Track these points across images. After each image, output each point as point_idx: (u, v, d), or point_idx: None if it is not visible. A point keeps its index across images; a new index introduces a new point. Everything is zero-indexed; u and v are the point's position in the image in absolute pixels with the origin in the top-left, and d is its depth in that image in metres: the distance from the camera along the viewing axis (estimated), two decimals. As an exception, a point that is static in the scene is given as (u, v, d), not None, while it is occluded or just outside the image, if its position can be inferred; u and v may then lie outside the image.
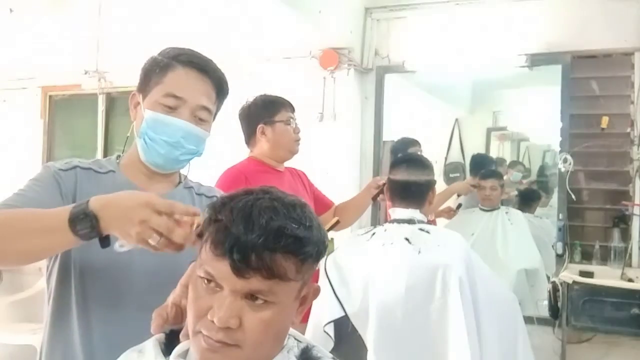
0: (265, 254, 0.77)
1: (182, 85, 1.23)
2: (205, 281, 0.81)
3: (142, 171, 1.27)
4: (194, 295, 0.83)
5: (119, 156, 1.33)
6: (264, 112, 2.27)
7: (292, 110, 2.33)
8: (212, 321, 0.79)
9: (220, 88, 1.29)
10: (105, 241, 0.98)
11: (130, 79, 4.63)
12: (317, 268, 0.90)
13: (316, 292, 0.90)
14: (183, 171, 1.39)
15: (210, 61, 1.32)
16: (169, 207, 0.94)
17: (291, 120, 2.29)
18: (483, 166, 3.68)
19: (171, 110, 1.21)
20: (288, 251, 0.79)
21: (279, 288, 0.80)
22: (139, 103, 1.28)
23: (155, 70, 1.27)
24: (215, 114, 1.31)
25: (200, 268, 0.82)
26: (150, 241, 0.92)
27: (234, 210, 0.80)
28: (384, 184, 2.21)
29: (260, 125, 2.26)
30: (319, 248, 0.84)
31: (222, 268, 0.79)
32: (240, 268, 0.77)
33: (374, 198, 2.46)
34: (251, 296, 0.79)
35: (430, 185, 2.05)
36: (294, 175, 2.39)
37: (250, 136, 2.31)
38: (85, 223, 0.95)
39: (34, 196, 1.14)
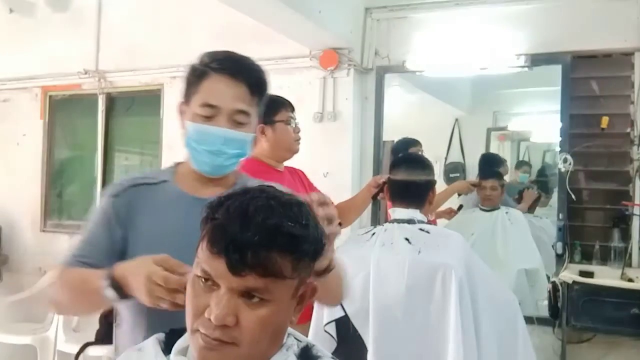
0: (261, 252, 0.78)
1: (216, 93, 1.24)
2: (203, 280, 0.82)
3: (195, 177, 1.31)
4: (191, 294, 0.84)
5: (179, 163, 1.39)
6: (264, 111, 2.25)
7: (292, 109, 2.31)
8: (209, 319, 0.79)
9: (255, 87, 1.29)
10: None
11: (130, 79, 4.65)
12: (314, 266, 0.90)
13: (314, 290, 0.90)
14: None
15: (244, 62, 1.31)
16: (164, 278, 1.00)
17: (291, 119, 2.27)
18: (492, 165, 3.68)
19: (208, 119, 1.24)
20: (284, 249, 0.79)
21: (274, 286, 0.80)
22: (183, 113, 1.30)
23: (192, 80, 1.28)
24: (260, 110, 1.33)
25: (197, 267, 0.83)
26: (162, 305, 1.00)
27: (230, 208, 0.81)
28: (384, 183, 2.20)
29: (259, 125, 2.24)
30: (315, 246, 0.85)
31: (218, 266, 0.79)
32: (236, 266, 0.78)
33: (374, 197, 2.44)
34: (247, 294, 0.80)
35: (430, 185, 2.06)
36: (293, 175, 2.38)
37: None
38: (112, 290, 1.09)
39: (93, 240, 1.27)
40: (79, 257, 1.24)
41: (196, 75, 1.27)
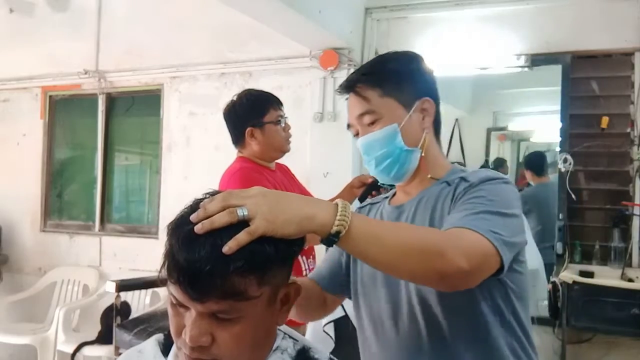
0: (216, 279, 0.75)
1: (348, 114, 1.23)
2: (173, 303, 0.81)
3: (399, 188, 1.27)
4: (170, 314, 0.83)
5: None
6: (252, 113, 2.14)
7: (280, 105, 2.20)
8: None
9: (361, 84, 1.19)
10: None
11: (130, 79, 4.65)
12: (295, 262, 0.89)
13: (298, 290, 0.88)
14: None
15: (355, 71, 1.25)
16: None
17: (280, 118, 2.17)
18: (541, 164, 3.68)
19: (358, 136, 1.22)
20: (242, 270, 0.76)
21: (241, 305, 0.78)
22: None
23: None
24: (395, 95, 1.17)
25: (168, 289, 0.81)
26: None
27: (180, 236, 0.77)
28: (372, 182, 2.12)
29: (248, 129, 2.13)
30: (282, 252, 0.81)
31: (179, 293, 0.78)
32: (193, 294, 0.76)
33: (363, 197, 2.20)
34: (215, 315, 0.78)
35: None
36: (284, 173, 2.32)
37: (238, 138, 2.18)
38: None
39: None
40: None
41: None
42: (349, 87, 1.19)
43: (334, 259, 1.32)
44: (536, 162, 3.76)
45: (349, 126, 1.23)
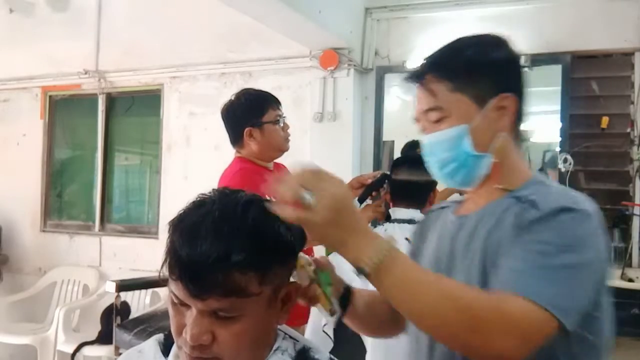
0: (218, 275, 0.75)
1: (416, 106, 1.09)
2: (174, 301, 0.81)
3: (469, 194, 1.11)
4: (171, 313, 0.83)
5: None
6: (250, 113, 2.12)
7: (278, 105, 2.17)
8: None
9: (429, 75, 1.05)
10: None
11: (130, 79, 4.64)
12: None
13: (298, 290, 0.88)
14: None
15: (426, 58, 1.11)
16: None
17: (279, 118, 2.16)
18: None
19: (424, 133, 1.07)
20: (244, 267, 0.76)
21: (241, 303, 0.78)
22: None
23: None
24: (467, 90, 1.01)
25: (169, 287, 0.81)
26: None
27: (183, 231, 0.78)
28: (372, 184, 2.11)
29: (247, 129, 2.11)
30: (283, 252, 0.82)
31: (181, 291, 0.78)
32: (194, 291, 0.76)
33: (362, 198, 2.14)
34: (216, 313, 0.78)
35: (431, 185, 2.05)
36: (281, 172, 2.31)
37: (237, 138, 2.16)
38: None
39: None
40: None
41: None
42: (416, 77, 1.06)
43: None
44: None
45: (416, 120, 1.08)
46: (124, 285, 3.06)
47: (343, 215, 0.81)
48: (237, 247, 0.76)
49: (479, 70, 1.01)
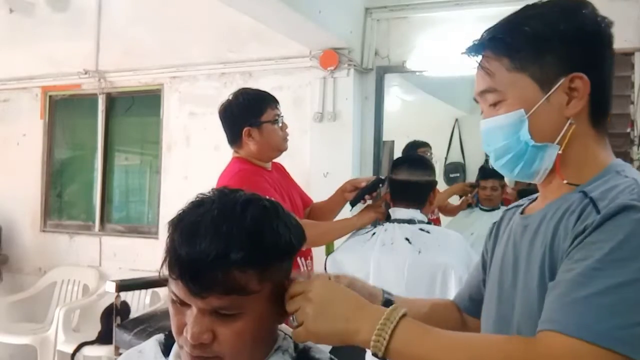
0: (217, 273, 0.76)
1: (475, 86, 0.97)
2: (174, 300, 0.81)
3: (539, 189, 0.99)
4: (171, 312, 0.83)
5: None
6: (248, 113, 2.11)
7: (277, 104, 2.16)
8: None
9: (487, 50, 0.95)
10: None
11: (130, 79, 4.64)
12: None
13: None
14: None
15: (488, 29, 1.01)
16: None
17: (278, 117, 2.14)
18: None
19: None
20: (243, 265, 0.77)
21: (242, 300, 0.78)
22: None
23: None
24: (530, 69, 0.89)
25: (169, 287, 0.82)
26: None
27: (183, 230, 0.79)
28: (366, 187, 2.10)
29: (245, 129, 2.10)
30: (281, 249, 0.82)
31: (181, 290, 0.79)
32: (194, 290, 0.77)
33: (355, 201, 2.13)
34: (216, 312, 0.79)
35: (431, 185, 2.06)
36: (279, 171, 2.29)
37: (235, 138, 2.14)
38: None
39: None
40: None
41: None
42: (475, 50, 0.96)
43: (474, 278, 1.13)
44: None
45: (475, 100, 0.98)
46: (124, 285, 3.06)
47: (327, 307, 0.84)
48: (236, 245, 0.77)
49: (545, 45, 0.87)
